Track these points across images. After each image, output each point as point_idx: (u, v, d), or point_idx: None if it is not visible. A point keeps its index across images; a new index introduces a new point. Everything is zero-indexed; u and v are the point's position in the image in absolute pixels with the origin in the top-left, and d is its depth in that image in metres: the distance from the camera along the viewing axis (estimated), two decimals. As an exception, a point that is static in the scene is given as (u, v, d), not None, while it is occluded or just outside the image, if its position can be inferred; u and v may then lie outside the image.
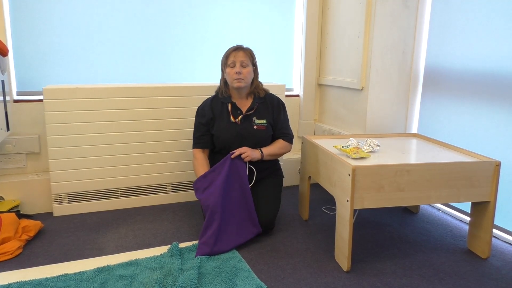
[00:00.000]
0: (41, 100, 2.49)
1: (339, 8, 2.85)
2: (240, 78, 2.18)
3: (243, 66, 2.18)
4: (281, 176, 2.40)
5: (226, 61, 2.21)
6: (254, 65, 2.27)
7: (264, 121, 2.26)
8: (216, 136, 2.25)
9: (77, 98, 2.37)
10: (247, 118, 2.25)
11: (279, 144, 2.31)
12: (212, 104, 2.28)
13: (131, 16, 2.68)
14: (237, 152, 2.14)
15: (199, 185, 2.15)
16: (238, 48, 2.21)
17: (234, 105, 2.26)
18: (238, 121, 2.23)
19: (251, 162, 2.20)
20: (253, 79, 2.27)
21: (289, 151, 2.38)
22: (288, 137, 2.35)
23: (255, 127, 2.24)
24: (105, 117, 2.44)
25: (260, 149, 2.23)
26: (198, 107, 2.33)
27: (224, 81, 2.29)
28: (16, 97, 2.52)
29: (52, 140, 2.36)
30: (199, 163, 2.25)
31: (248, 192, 2.12)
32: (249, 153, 2.16)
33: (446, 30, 2.47)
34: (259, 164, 2.24)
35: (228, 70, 2.20)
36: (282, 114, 2.35)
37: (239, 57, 2.18)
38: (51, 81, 2.59)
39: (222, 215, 2.03)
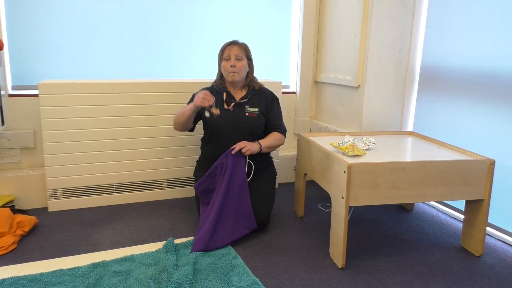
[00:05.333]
0: (36, 95, 2.47)
1: (336, 6, 2.85)
2: (235, 72, 2.22)
3: (237, 59, 2.23)
4: (274, 172, 2.41)
5: (222, 55, 2.27)
6: (249, 59, 2.31)
7: (256, 110, 2.29)
8: (208, 121, 2.26)
9: (73, 93, 2.36)
10: (240, 105, 2.28)
11: (274, 136, 2.32)
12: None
13: (128, 11, 2.67)
14: (237, 147, 2.14)
15: (202, 187, 2.16)
16: (233, 43, 2.28)
17: (228, 94, 2.30)
18: (230, 107, 2.26)
19: (249, 157, 2.21)
20: (248, 73, 2.32)
21: (283, 143, 2.39)
22: (281, 129, 2.37)
23: (247, 114, 2.27)
24: (101, 113, 2.43)
25: (258, 142, 2.24)
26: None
27: (220, 75, 2.35)
28: (11, 92, 2.50)
29: (47, 135, 2.35)
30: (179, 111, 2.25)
31: (245, 188, 2.12)
32: (248, 146, 2.16)
33: (443, 29, 2.48)
34: (255, 156, 2.25)
35: (223, 63, 2.26)
36: (276, 107, 2.37)
37: (234, 50, 2.24)
38: (47, 76, 2.58)
39: (218, 211, 2.03)
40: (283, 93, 2.99)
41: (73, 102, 2.36)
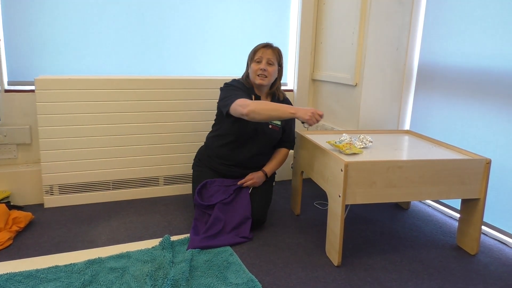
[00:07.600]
0: (32, 91, 2.46)
1: (335, 4, 2.85)
2: (264, 75, 2.17)
3: (269, 64, 2.17)
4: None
5: (253, 56, 2.20)
6: (280, 65, 2.26)
7: (279, 123, 2.27)
8: (234, 124, 2.15)
9: (70, 89, 2.35)
10: None
11: (279, 157, 2.35)
12: (241, 85, 2.21)
13: (125, 7, 2.65)
14: (245, 184, 2.20)
15: (203, 195, 2.18)
16: (267, 46, 2.20)
17: (257, 98, 2.23)
18: None
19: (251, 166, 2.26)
20: (276, 79, 2.27)
21: None
22: (291, 143, 2.39)
23: (270, 126, 2.24)
24: (98, 109, 2.42)
25: (264, 172, 2.27)
26: (226, 83, 2.21)
27: (246, 75, 2.28)
28: (7, 87, 2.49)
29: (43, 131, 2.34)
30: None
31: (246, 196, 2.17)
32: (257, 182, 2.23)
33: (440, 27, 2.48)
34: (255, 168, 2.30)
35: (253, 65, 2.19)
36: (293, 121, 2.38)
37: (267, 54, 2.17)
38: (43, 71, 2.56)
39: (218, 211, 2.06)
40: (281, 90, 2.99)
41: (70, 98, 2.35)
